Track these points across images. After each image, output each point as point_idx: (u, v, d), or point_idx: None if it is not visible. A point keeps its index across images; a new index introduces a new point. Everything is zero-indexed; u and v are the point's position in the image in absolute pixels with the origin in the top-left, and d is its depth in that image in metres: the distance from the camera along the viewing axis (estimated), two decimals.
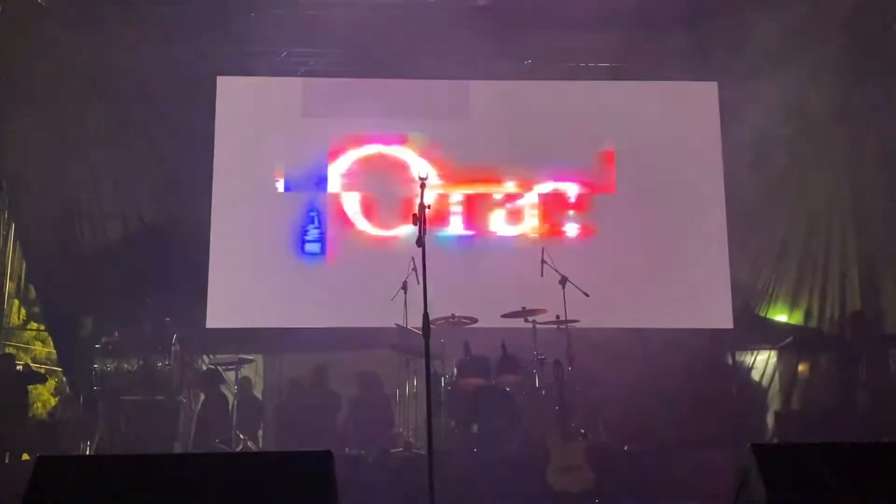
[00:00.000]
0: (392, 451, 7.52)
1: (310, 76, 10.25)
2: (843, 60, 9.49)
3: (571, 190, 10.18)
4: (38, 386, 8.85)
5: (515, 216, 10.12)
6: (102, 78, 9.23)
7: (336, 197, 10.06)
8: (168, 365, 7.76)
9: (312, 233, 9.88)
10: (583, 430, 7.70)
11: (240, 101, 10.20)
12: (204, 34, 9.35)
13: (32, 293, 9.61)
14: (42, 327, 9.45)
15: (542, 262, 8.19)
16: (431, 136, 10.18)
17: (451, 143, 10.13)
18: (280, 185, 10.01)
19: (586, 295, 8.43)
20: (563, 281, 8.12)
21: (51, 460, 3.30)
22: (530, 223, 10.10)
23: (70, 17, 9.17)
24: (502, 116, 10.27)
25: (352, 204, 10.06)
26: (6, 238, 9.36)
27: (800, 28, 9.19)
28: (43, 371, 9.03)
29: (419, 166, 9.96)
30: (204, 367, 8.71)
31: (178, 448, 7.53)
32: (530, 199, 10.15)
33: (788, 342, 8.94)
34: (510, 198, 10.15)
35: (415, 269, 8.00)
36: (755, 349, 9.79)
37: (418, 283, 7.60)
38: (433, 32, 9.56)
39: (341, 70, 10.13)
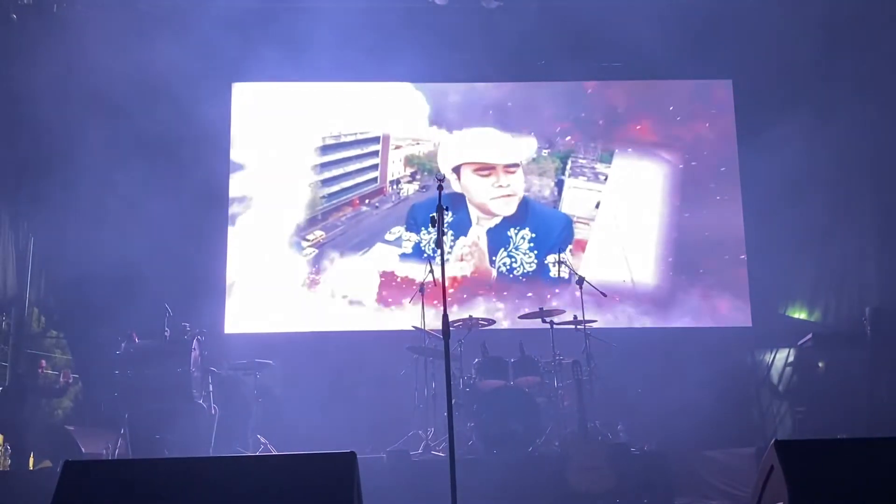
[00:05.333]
0: (412, 453, 7.52)
1: (324, 80, 10.29)
2: (859, 53, 9.46)
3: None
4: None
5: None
6: (116, 85, 9.28)
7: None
8: (188, 370, 7.78)
9: None
10: (602, 430, 7.72)
11: (255, 106, 10.27)
12: (219, 41, 9.39)
13: (52, 301, 9.68)
14: (62, 334, 9.52)
15: (560, 262, 8.18)
16: (444, 138, 10.24)
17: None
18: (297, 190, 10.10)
19: (604, 295, 8.45)
20: (581, 281, 8.12)
21: (78, 465, 3.33)
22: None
23: (82, 25, 9.24)
24: (515, 117, 10.31)
25: None
26: (27, 246, 9.44)
27: (813, 22, 9.15)
28: (61, 382, 9.07)
29: (437, 168, 10.08)
30: (223, 373, 8.74)
31: (198, 453, 7.55)
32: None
33: (808, 339, 8.89)
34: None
35: (431, 270, 8.02)
36: (775, 347, 9.74)
37: (435, 284, 7.66)
38: (445, 35, 9.60)
39: (355, 74, 10.15)
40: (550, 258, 9.65)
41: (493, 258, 9.82)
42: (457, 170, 10.13)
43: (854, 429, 7.87)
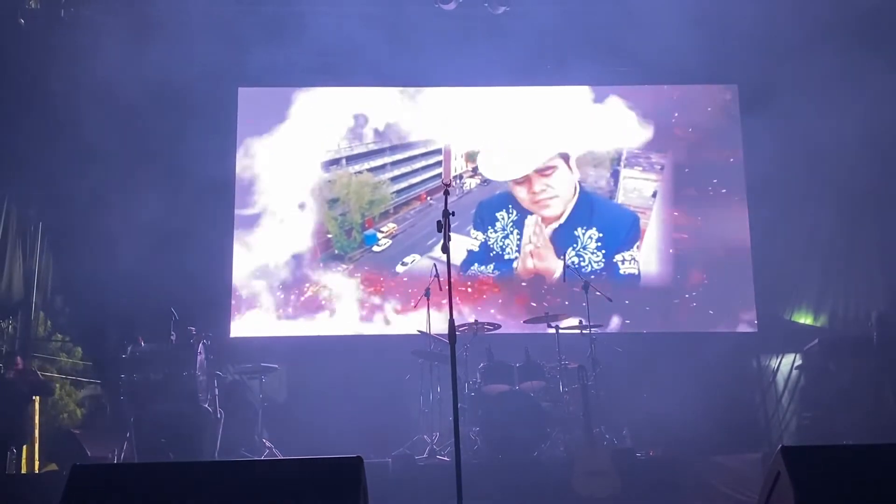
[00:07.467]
0: (417, 457, 7.52)
1: (331, 86, 10.31)
2: (864, 58, 9.43)
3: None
4: (64, 396, 8.95)
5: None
6: (124, 90, 9.30)
7: None
8: (193, 374, 7.79)
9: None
10: (608, 435, 7.70)
11: (261, 111, 10.29)
12: (225, 46, 9.42)
13: (59, 304, 9.70)
14: (67, 338, 9.53)
15: (565, 266, 8.18)
16: (454, 143, 10.26)
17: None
18: (302, 194, 10.11)
19: (609, 300, 8.43)
20: (586, 286, 8.11)
21: (85, 469, 3.33)
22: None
23: (90, 29, 9.27)
24: (523, 121, 10.32)
25: None
26: (33, 249, 9.46)
27: (820, 26, 9.14)
28: (58, 383, 9.07)
29: (443, 173, 10.10)
30: (228, 377, 8.75)
31: (203, 457, 7.55)
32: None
33: (814, 345, 8.87)
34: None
35: (437, 275, 8.02)
36: (781, 352, 9.72)
37: (441, 289, 7.66)
38: (453, 40, 9.62)
39: (362, 79, 10.17)
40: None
41: (561, 257, 9.73)
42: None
43: (861, 435, 7.85)
